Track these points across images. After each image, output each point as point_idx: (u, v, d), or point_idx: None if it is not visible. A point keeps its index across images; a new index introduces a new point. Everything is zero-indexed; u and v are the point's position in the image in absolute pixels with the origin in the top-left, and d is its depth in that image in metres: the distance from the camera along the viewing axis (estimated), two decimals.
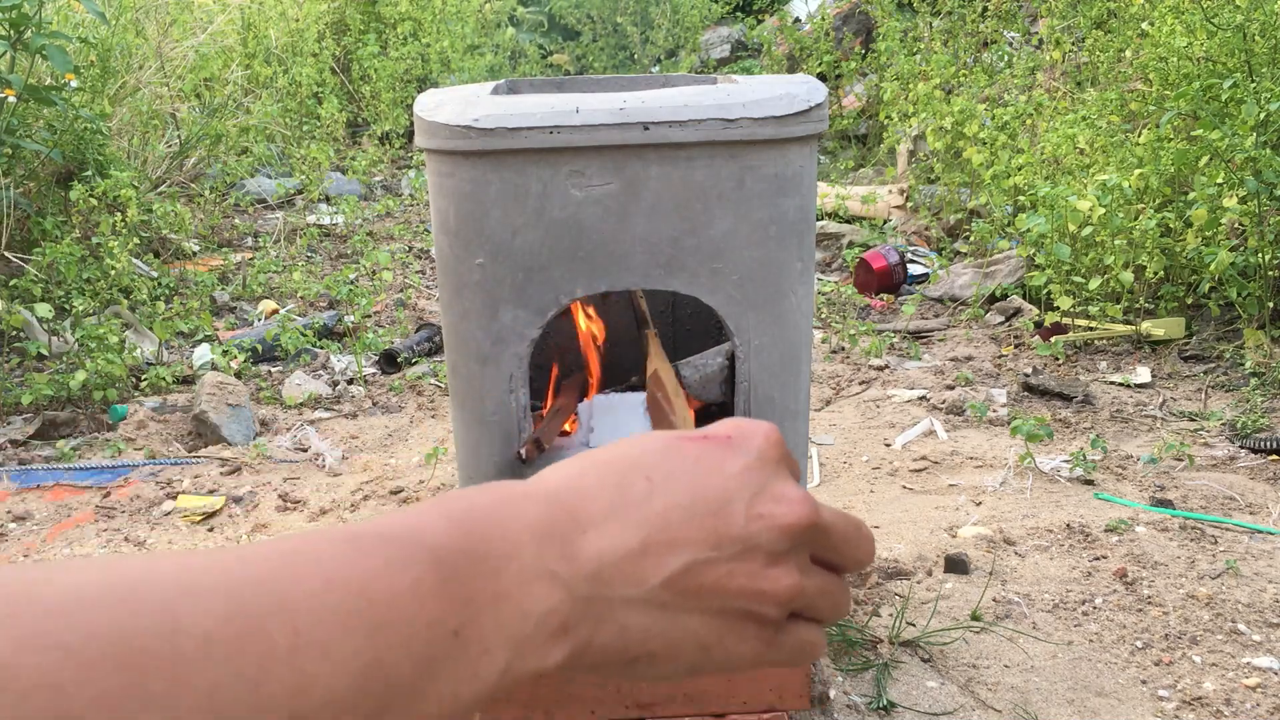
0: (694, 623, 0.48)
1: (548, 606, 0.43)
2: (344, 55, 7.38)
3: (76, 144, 4.10)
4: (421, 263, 4.87)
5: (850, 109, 6.45)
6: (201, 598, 0.34)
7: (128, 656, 0.31)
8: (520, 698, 1.51)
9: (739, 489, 0.50)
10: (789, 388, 1.40)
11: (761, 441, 0.52)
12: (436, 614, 0.39)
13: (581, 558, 0.45)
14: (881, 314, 4.06)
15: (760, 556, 0.49)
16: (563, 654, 0.45)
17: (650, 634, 0.47)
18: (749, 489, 0.50)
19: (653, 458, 0.50)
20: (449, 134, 1.28)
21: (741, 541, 0.49)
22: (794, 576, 0.50)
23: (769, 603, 0.50)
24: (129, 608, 0.32)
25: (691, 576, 0.47)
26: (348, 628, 0.36)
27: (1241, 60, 3.59)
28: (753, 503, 0.49)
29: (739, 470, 0.50)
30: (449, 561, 0.41)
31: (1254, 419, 2.79)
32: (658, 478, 0.48)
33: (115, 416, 3.12)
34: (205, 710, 0.32)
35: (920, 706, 1.68)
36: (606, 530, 0.46)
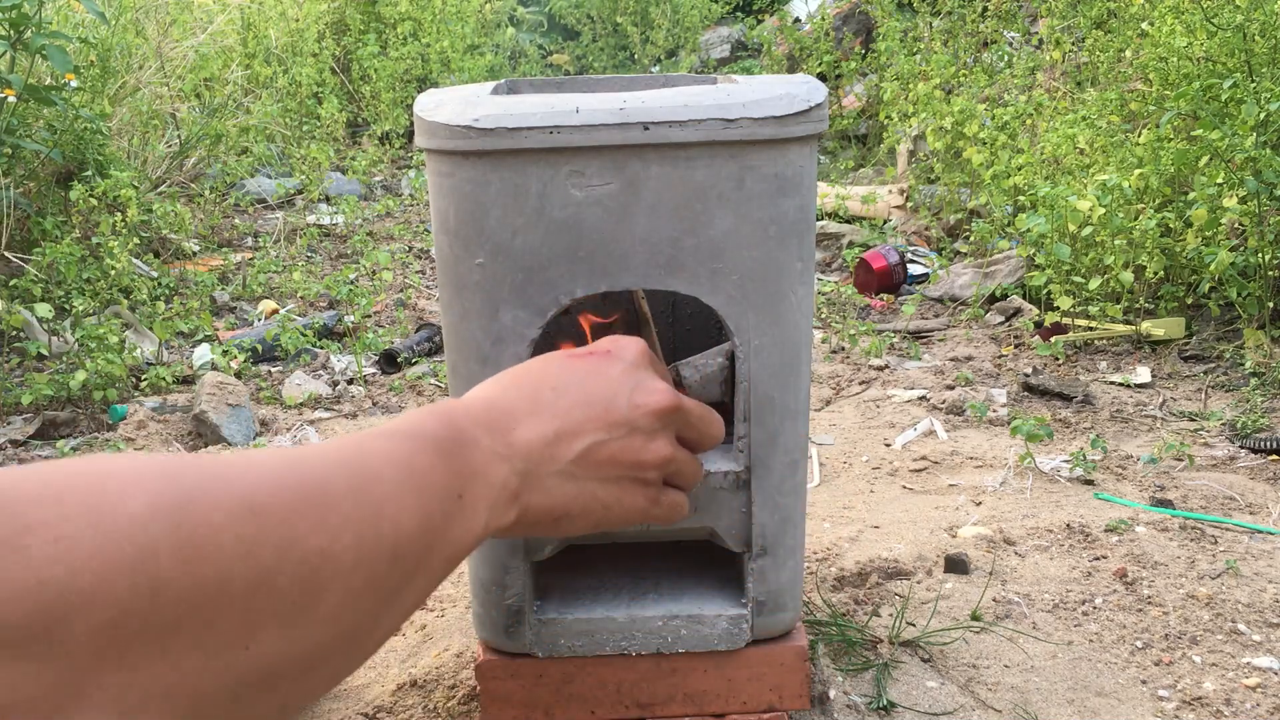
0: (597, 488, 0.66)
1: (503, 479, 0.60)
2: (344, 55, 7.38)
3: (76, 144, 4.10)
4: (421, 263, 4.87)
5: (850, 109, 6.45)
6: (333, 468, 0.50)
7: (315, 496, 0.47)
8: (520, 698, 1.51)
9: (620, 386, 0.68)
10: (789, 388, 1.40)
11: (633, 351, 0.72)
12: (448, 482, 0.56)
13: (517, 444, 0.62)
14: (881, 314, 4.06)
15: (640, 435, 0.68)
16: (515, 514, 0.61)
17: (568, 497, 0.64)
18: (628, 386, 0.69)
19: (554, 370, 0.68)
20: (449, 134, 1.28)
21: (626, 425, 0.67)
22: (666, 448, 0.70)
23: (649, 469, 0.68)
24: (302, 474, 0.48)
25: (592, 453, 0.65)
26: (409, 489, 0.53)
27: (1241, 60, 3.59)
28: (632, 395, 0.69)
29: (619, 373, 0.69)
30: (446, 448, 0.57)
31: (1254, 419, 2.79)
32: (560, 385, 0.67)
33: (115, 416, 3.12)
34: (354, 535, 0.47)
35: (920, 706, 1.68)
36: (529, 425, 0.63)
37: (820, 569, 2.12)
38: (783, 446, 1.42)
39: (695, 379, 1.61)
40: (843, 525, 2.33)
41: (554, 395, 0.65)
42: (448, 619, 1.99)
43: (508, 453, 0.61)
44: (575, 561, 1.62)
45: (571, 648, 1.49)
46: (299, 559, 0.44)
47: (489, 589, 1.47)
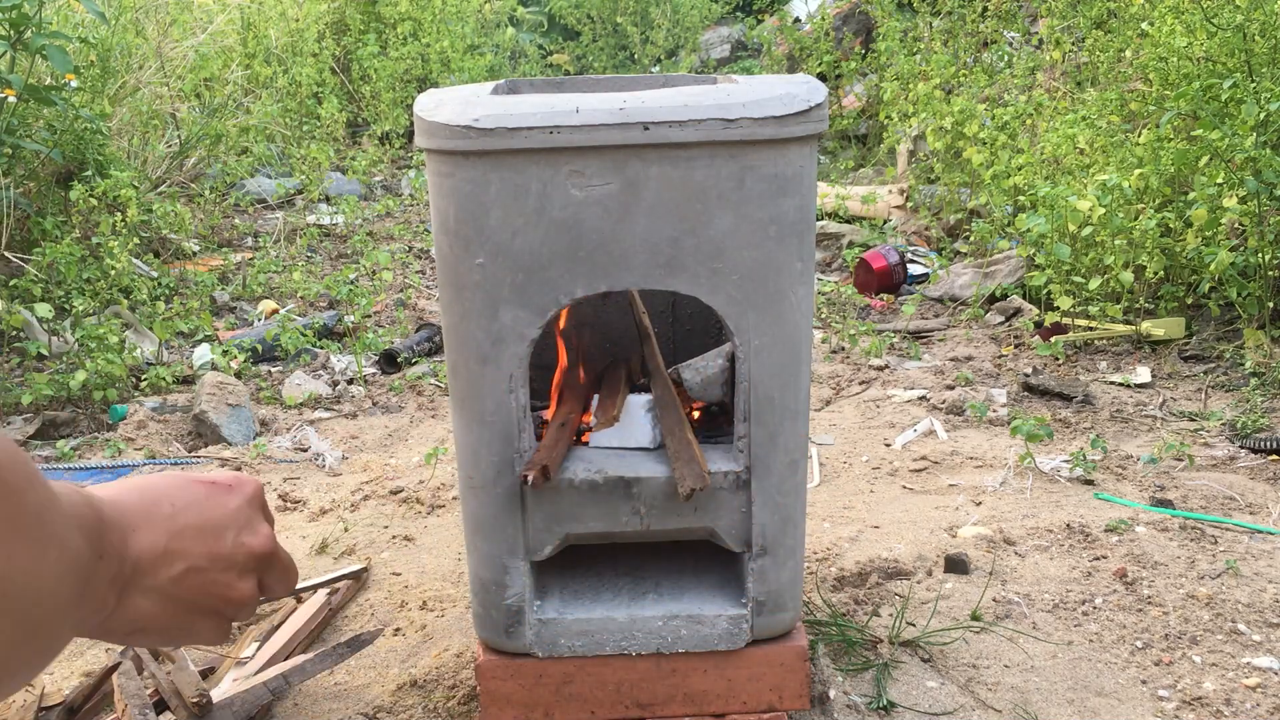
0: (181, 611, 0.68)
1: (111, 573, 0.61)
2: (344, 55, 7.38)
3: (76, 144, 4.10)
4: (421, 263, 4.87)
5: (850, 109, 6.45)
6: None
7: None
8: (520, 698, 1.51)
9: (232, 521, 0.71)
10: (789, 388, 1.40)
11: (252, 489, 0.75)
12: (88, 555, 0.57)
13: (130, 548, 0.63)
14: (881, 314, 4.06)
15: (235, 572, 0.70)
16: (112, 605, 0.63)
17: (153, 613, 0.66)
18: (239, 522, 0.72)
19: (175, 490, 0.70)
20: (449, 134, 1.28)
21: (227, 560, 0.70)
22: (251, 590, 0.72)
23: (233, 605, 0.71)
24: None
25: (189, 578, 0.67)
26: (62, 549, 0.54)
27: (1241, 60, 3.59)
28: (239, 534, 0.71)
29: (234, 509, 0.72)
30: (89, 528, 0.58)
31: (1254, 419, 2.79)
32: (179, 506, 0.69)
33: (115, 416, 3.12)
34: None
35: (920, 706, 1.68)
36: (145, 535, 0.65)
37: (820, 569, 2.12)
38: (783, 446, 1.42)
39: (696, 381, 1.62)
40: (843, 525, 2.34)
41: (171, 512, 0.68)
42: (448, 619, 1.99)
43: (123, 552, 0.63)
44: (575, 561, 1.62)
45: (571, 648, 1.49)
46: None
47: (489, 589, 1.47)
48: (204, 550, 0.68)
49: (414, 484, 2.63)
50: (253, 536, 0.72)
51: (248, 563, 0.71)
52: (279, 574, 0.76)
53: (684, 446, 1.45)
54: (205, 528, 0.69)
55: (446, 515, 2.47)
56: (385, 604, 2.06)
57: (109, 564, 0.60)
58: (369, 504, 2.54)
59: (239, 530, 0.71)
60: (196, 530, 0.68)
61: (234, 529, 0.71)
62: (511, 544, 1.45)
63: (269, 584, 0.75)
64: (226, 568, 0.70)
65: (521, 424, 1.40)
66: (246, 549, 0.71)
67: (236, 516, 0.72)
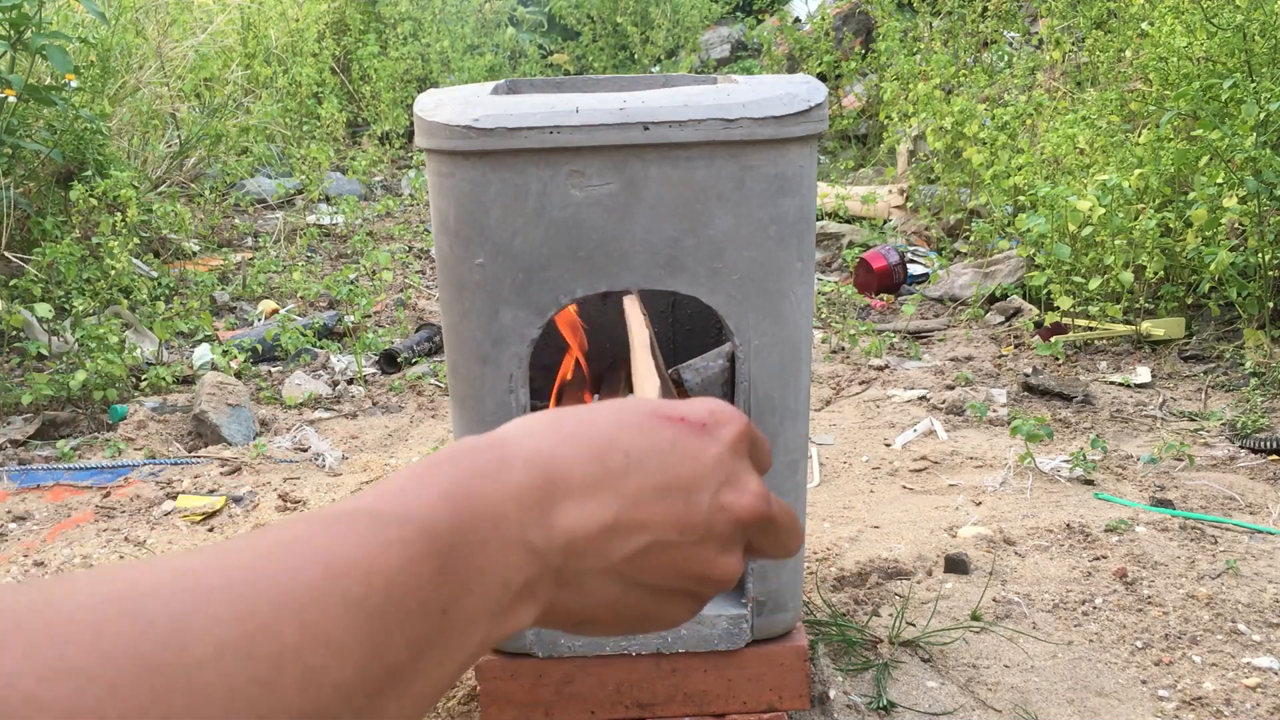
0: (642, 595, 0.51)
1: (524, 577, 0.44)
2: (344, 55, 7.38)
3: (76, 144, 4.10)
4: (421, 263, 4.87)
5: (850, 109, 6.45)
6: (209, 603, 0.33)
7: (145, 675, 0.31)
8: (520, 698, 1.51)
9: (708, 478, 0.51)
10: (789, 388, 1.40)
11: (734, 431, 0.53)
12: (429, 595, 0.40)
13: (556, 529, 0.46)
14: (881, 314, 4.06)
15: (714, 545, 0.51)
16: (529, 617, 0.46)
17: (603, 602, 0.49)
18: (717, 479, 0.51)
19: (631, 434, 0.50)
20: (449, 134, 1.28)
21: (703, 529, 0.50)
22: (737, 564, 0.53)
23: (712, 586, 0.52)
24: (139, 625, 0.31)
25: (652, 556, 0.49)
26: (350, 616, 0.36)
27: (1241, 60, 3.59)
28: (718, 494, 0.51)
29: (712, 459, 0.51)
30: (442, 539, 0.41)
31: (1254, 419, 2.79)
32: (635, 455, 0.49)
33: (115, 416, 3.12)
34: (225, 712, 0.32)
35: (920, 706, 1.68)
36: (582, 503, 0.47)
37: (820, 569, 2.12)
38: (783, 446, 1.42)
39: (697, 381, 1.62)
40: (843, 525, 2.33)
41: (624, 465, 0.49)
42: None
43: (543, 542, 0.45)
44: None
45: (571, 648, 1.49)
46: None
47: None
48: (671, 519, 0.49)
49: None
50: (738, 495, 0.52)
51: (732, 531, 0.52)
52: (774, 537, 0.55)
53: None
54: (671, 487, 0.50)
55: None
56: None
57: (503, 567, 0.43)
58: None
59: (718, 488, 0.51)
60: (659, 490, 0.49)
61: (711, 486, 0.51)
62: None
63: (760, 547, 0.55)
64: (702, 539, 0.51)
65: None
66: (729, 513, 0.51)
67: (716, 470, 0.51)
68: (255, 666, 0.33)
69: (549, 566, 0.46)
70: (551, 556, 0.46)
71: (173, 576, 0.34)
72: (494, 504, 0.44)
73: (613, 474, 0.48)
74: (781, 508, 0.54)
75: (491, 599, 0.43)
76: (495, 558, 0.43)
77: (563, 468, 0.47)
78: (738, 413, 0.54)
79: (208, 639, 0.32)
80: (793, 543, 0.57)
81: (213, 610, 0.33)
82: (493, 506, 0.44)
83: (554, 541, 0.46)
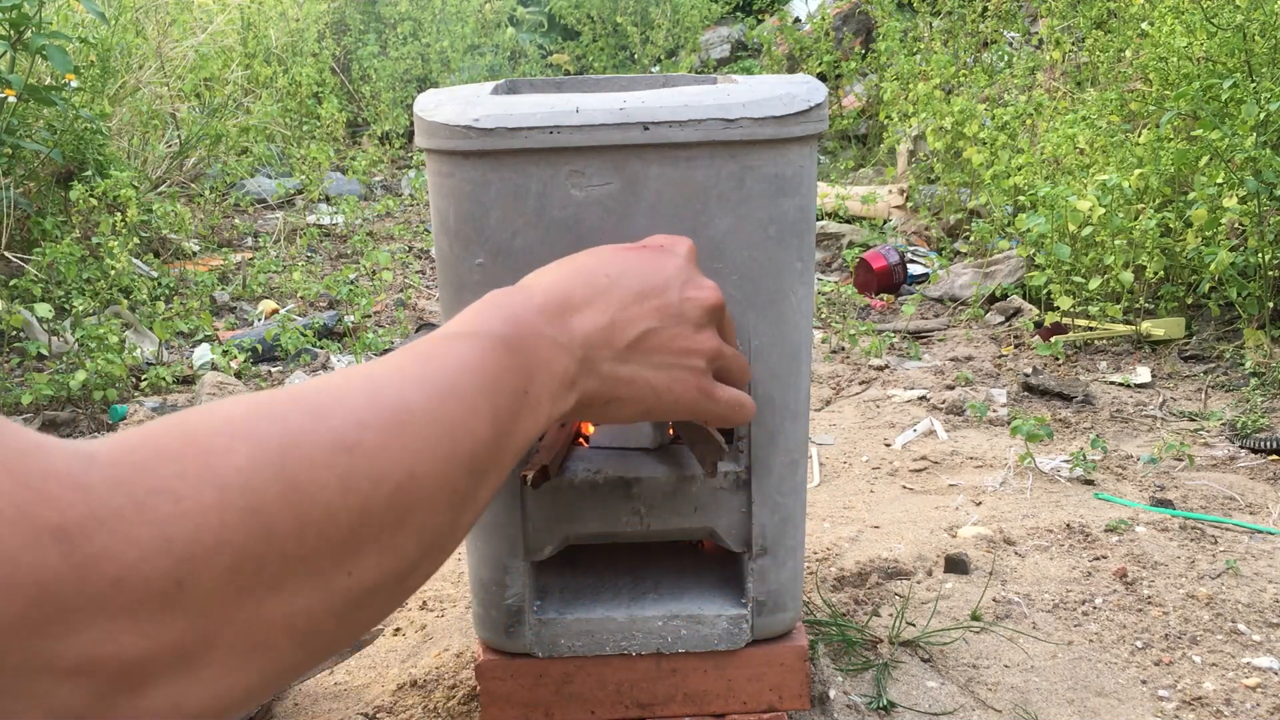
0: (649, 373, 0.69)
1: (563, 368, 0.63)
2: (344, 55, 7.38)
3: (76, 144, 4.10)
4: (421, 263, 4.87)
5: (850, 109, 6.45)
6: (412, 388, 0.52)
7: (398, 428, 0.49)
8: (520, 698, 1.51)
9: (673, 279, 0.71)
10: (789, 388, 1.40)
11: (685, 249, 0.76)
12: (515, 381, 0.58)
13: (574, 332, 0.64)
14: (881, 314, 4.06)
15: (690, 325, 0.71)
16: (573, 400, 0.64)
17: (620, 381, 0.67)
18: (679, 279, 0.72)
19: (609, 261, 0.70)
20: (449, 134, 1.28)
21: (677, 315, 0.70)
22: (714, 340, 0.72)
23: (698, 357, 0.71)
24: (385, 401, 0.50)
25: (645, 340, 0.68)
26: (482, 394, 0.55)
27: (1241, 60, 3.59)
28: (683, 288, 0.71)
29: (673, 268, 0.72)
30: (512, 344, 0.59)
31: (1254, 419, 2.79)
32: (614, 274, 0.69)
33: (115, 416, 3.12)
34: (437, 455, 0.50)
35: (920, 706, 1.68)
36: (586, 313, 0.66)
37: (820, 569, 2.12)
38: (783, 446, 1.42)
39: None
40: (843, 525, 2.33)
41: (609, 283, 0.68)
42: (448, 619, 1.99)
43: (567, 341, 0.63)
44: (575, 561, 1.62)
45: (571, 648, 1.49)
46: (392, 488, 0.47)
47: (489, 589, 1.47)
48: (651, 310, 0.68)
49: None
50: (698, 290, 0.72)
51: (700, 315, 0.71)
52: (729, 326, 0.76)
53: (698, 429, 1.46)
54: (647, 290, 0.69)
55: None
56: None
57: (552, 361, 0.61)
58: None
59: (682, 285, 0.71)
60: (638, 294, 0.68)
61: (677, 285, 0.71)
62: (511, 544, 1.45)
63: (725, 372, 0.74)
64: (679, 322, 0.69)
65: None
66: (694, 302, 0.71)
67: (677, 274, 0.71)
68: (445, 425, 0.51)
69: (575, 357, 0.63)
70: (575, 350, 0.64)
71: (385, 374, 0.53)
72: (534, 322, 0.62)
73: (602, 290, 0.67)
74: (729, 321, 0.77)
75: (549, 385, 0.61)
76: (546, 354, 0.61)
77: (569, 291, 0.66)
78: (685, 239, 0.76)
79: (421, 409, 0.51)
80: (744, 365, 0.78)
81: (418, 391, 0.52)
82: (533, 324, 0.62)
83: (575, 340, 0.64)
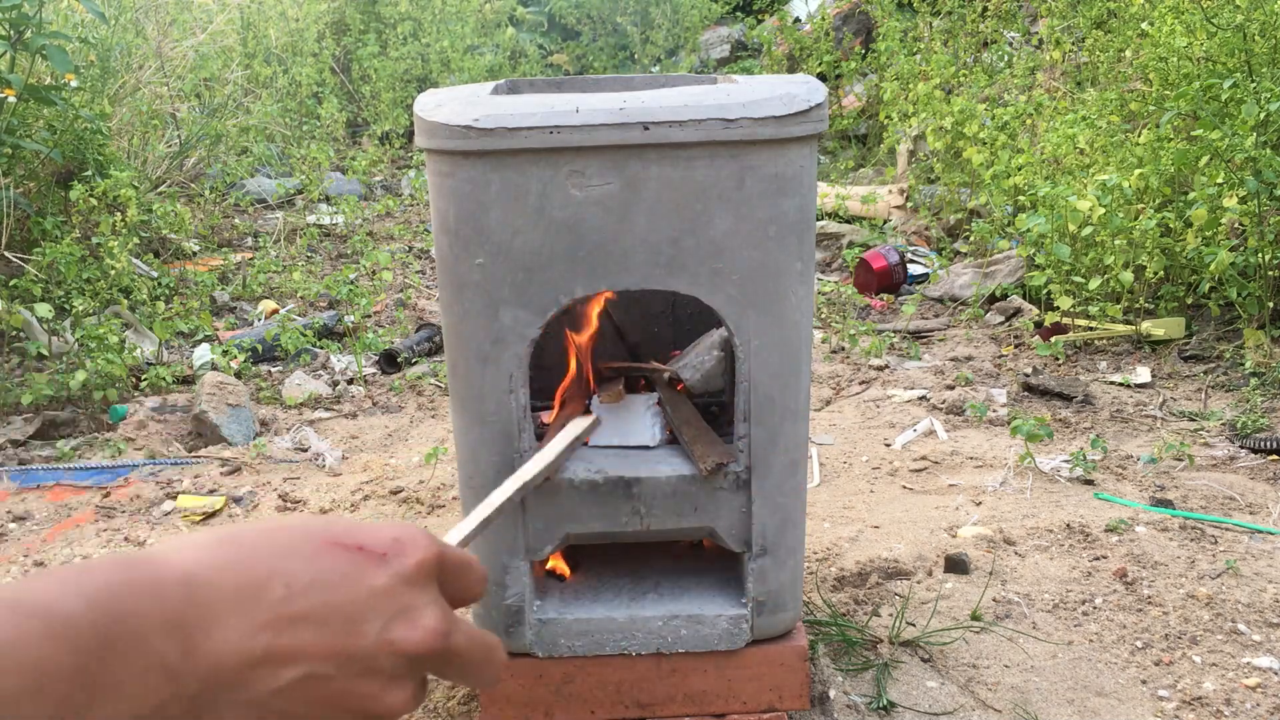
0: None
1: (157, 699, 0.43)
2: (344, 55, 7.38)
3: (76, 144, 4.10)
4: (421, 263, 4.87)
5: (850, 109, 6.45)
6: None
7: None
8: (520, 698, 1.51)
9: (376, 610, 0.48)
10: (789, 388, 1.40)
11: (415, 561, 0.50)
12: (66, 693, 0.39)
13: (200, 655, 0.44)
14: (881, 314, 4.06)
15: (381, 679, 0.48)
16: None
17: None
18: (387, 611, 0.49)
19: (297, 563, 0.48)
20: (449, 134, 1.28)
21: (365, 662, 0.48)
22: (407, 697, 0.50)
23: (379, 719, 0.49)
24: None
25: (307, 688, 0.47)
26: None
27: (1241, 60, 3.59)
28: (387, 626, 0.48)
29: (383, 589, 0.49)
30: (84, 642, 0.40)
31: (1254, 419, 2.79)
32: (297, 585, 0.47)
33: (115, 416, 3.12)
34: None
35: (920, 706, 1.68)
36: (231, 632, 0.45)
37: (820, 569, 2.12)
38: (783, 446, 1.42)
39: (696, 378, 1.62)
40: (843, 525, 2.34)
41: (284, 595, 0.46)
42: None
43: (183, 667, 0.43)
44: (575, 562, 1.62)
45: (571, 648, 1.49)
46: None
47: (489, 589, 1.47)
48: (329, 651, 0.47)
49: (414, 484, 2.63)
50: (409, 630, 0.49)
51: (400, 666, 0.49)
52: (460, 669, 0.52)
53: (702, 431, 1.46)
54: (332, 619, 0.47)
55: (447, 515, 2.46)
56: None
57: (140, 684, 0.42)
58: (369, 504, 2.54)
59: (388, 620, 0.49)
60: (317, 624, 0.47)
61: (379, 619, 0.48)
62: (511, 544, 1.44)
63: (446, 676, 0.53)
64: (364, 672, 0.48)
65: (521, 424, 1.40)
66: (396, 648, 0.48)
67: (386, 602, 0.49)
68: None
69: (185, 693, 0.44)
70: (188, 683, 0.44)
71: None
72: (139, 621, 0.43)
73: (268, 604, 0.46)
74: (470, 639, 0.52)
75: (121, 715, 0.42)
76: (132, 674, 0.42)
77: (215, 595, 0.45)
78: (429, 541, 0.51)
79: None
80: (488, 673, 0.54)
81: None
82: (137, 623, 0.43)
83: (196, 668, 0.44)
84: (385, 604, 0.49)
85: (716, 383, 1.54)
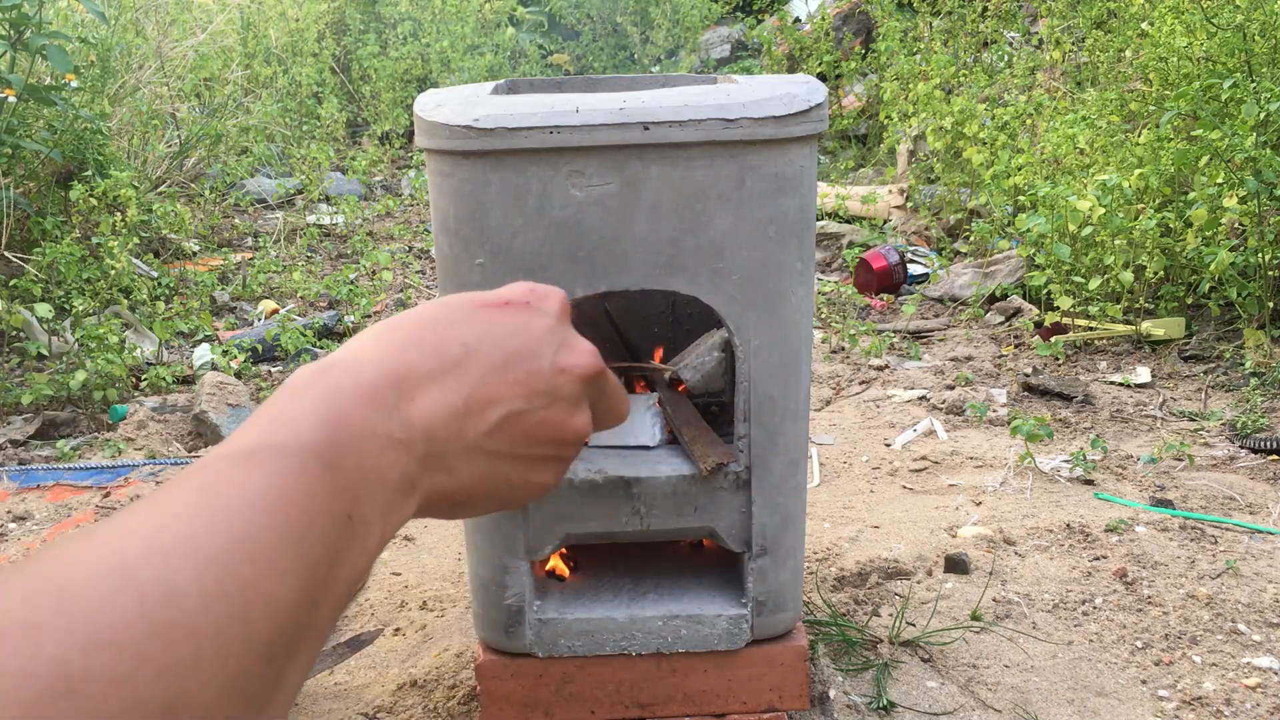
0: (509, 467, 0.55)
1: (400, 472, 0.48)
2: (344, 55, 7.38)
3: (76, 144, 4.10)
4: (421, 263, 4.87)
5: (850, 109, 6.45)
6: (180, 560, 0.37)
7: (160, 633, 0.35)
8: (520, 698, 1.51)
9: (543, 345, 0.56)
10: (789, 388, 1.40)
11: (556, 302, 0.59)
12: (335, 507, 0.44)
13: (416, 420, 0.50)
14: (881, 314, 4.06)
15: (564, 406, 0.56)
16: (413, 506, 0.50)
17: (474, 479, 0.54)
18: (551, 345, 0.56)
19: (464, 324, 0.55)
20: (449, 134, 1.28)
21: (549, 393, 0.55)
22: (588, 419, 0.58)
23: (570, 445, 0.57)
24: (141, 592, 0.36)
25: (509, 425, 0.54)
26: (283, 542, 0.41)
27: (1241, 60, 3.59)
28: (556, 358, 0.56)
29: (542, 330, 0.57)
30: (328, 457, 0.45)
31: (1254, 419, 2.79)
32: (471, 341, 0.54)
33: (115, 416, 3.12)
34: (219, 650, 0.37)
35: (920, 706, 1.68)
36: (432, 392, 0.51)
37: (820, 569, 2.12)
38: (783, 446, 1.42)
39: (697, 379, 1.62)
40: (843, 525, 2.34)
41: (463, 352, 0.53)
42: (448, 619, 1.99)
43: (405, 434, 0.49)
44: (575, 562, 1.62)
45: (571, 648, 1.49)
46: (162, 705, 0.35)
47: (489, 589, 1.47)
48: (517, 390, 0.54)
49: None
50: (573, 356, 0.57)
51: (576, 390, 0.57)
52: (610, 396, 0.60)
53: (702, 431, 1.46)
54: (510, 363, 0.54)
55: None
56: (385, 604, 2.06)
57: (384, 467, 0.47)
58: None
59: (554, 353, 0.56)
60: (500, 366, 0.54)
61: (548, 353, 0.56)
62: (511, 544, 1.45)
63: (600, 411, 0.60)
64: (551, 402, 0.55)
65: None
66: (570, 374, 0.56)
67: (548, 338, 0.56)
68: (232, 605, 0.38)
69: (416, 455, 0.49)
70: (416, 445, 0.49)
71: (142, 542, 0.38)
72: (357, 415, 0.47)
73: (454, 362, 0.52)
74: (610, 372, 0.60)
75: (380, 499, 0.47)
76: (376, 461, 0.47)
77: (406, 367, 0.51)
78: (554, 288, 0.60)
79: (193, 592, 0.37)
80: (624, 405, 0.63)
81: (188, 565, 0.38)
82: (357, 418, 0.47)
83: (415, 432, 0.49)
84: (548, 340, 0.56)
85: (716, 383, 1.54)
